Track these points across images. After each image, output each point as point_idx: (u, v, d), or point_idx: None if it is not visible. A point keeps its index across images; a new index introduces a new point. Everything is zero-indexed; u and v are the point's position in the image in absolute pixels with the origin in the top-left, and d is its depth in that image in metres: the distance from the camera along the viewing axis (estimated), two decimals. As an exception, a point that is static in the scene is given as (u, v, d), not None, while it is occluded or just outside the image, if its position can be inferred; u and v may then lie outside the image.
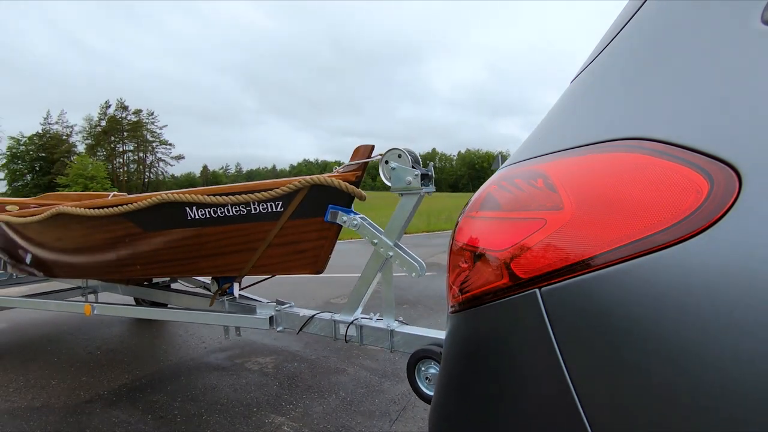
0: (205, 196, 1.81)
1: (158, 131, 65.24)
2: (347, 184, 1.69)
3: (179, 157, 68.43)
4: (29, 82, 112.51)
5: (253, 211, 1.80)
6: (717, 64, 0.53)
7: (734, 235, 0.42)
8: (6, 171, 51.35)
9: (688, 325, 0.43)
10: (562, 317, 0.52)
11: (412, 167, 1.66)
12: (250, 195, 1.77)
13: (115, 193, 3.62)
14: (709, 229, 0.44)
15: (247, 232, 1.85)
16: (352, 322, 1.81)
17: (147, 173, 64.94)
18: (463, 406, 0.68)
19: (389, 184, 1.70)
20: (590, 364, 0.50)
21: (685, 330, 0.43)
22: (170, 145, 66.55)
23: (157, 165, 66.04)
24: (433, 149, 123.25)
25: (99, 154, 58.74)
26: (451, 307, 0.71)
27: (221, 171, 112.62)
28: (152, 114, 65.10)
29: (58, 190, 43.16)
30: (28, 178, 53.55)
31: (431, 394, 1.36)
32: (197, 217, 1.89)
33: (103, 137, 60.42)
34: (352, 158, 1.73)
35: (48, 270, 2.77)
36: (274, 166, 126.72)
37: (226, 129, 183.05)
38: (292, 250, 1.86)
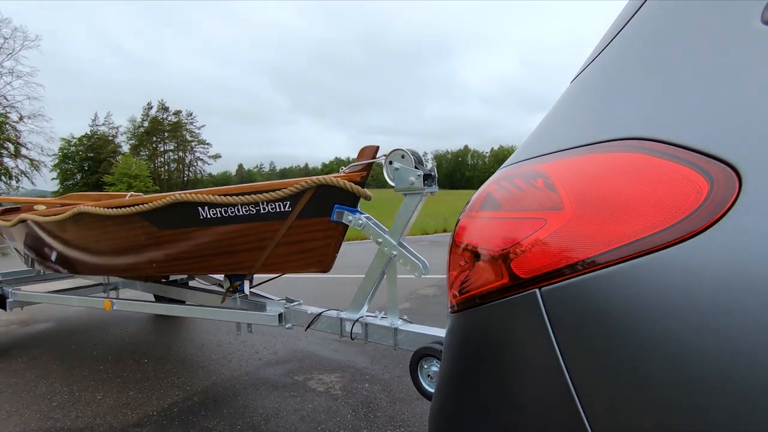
0: (216, 196, 1.85)
1: (197, 131, 67.04)
2: (352, 184, 1.70)
3: (216, 156, 70.08)
4: (77, 86, 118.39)
5: (262, 211, 1.83)
6: (717, 64, 0.52)
7: (734, 235, 0.42)
8: (58, 170, 54.31)
9: (687, 325, 0.43)
10: (562, 317, 0.52)
11: (415, 168, 1.66)
12: (259, 195, 1.79)
13: (132, 193, 3.75)
14: (709, 229, 0.44)
15: (256, 231, 1.88)
16: (357, 320, 1.83)
17: (186, 172, 66.81)
18: (462, 405, 0.68)
19: (393, 184, 1.70)
20: (590, 364, 0.49)
21: (685, 330, 0.43)
22: (208, 144, 68.21)
23: (195, 164, 67.83)
24: (465, 146, 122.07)
25: (142, 153, 60.79)
26: (451, 306, 0.71)
27: (256, 169, 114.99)
28: (191, 114, 66.92)
29: (104, 189, 45.14)
30: (78, 177, 56.29)
31: (433, 391, 1.33)
32: (209, 216, 1.92)
33: (145, 137, 62.58)
34: (358, 159, 1.75)
35: (71, 267, 2.86)
36: (306, 165, 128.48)
37: (260, 128, 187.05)
38: (299, 249, 1.88)
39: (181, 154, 66.22)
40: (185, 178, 65.15)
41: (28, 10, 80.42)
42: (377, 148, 1.75)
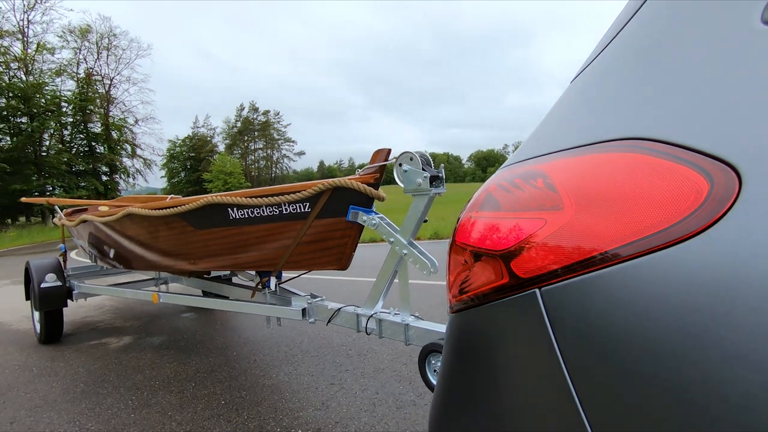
0: (243, 198, 2.02)
1: (283, 129, 70.54)
2: (365, 186, 1.80)
3: (301, 153, 73.01)
4: (177, 93, 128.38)
5: (284, 212, 1.96)
6: (717, 64, 0.52)
7: (734, 235, 0.42)
8: (166, 169, 60.47)
9: (687, 325, 0.43)
10: (562, 317, 0.52)
11: (423, 170, 1.70)
12: (281, 197, 1.92)
13: (173, 196, 3.99)
14: (709, 229, 0.44)
15: (279, 230, 2.01)
16: (371, 316, 1.91)
17: (273, 169, 70.82)
18: (463, 405, 0.67)
19: (402, 185, 1.75)
20: (590, 364, 0.49)
21: (685, 330, 0.43)
22: (293, 142, 71.52)
23: (282, 161, 71.37)
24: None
25: (235, 152, 65.27)
26: (451, 306, 0.71)
27: (336, 166, 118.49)
28: (278, 114, 70.48)
29: (204, 186, 49.04)
30: (182, 175, 61.79)
31: None
32: (237, 216, 2.09)
33: (238, 137, 66.79)
34: (372, 161, 1.82)
35: (125, 263, 3.15)
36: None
37: (338, 125, 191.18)
38: (319, 248, 1.98)
39: (269, 151, 69.89)
40: (273, 175, 68.82)
41: (133, 27, 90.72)
42: (389, 151, 1.79)
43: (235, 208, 2.07)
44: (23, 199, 5.05)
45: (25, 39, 28.08)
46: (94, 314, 4.85)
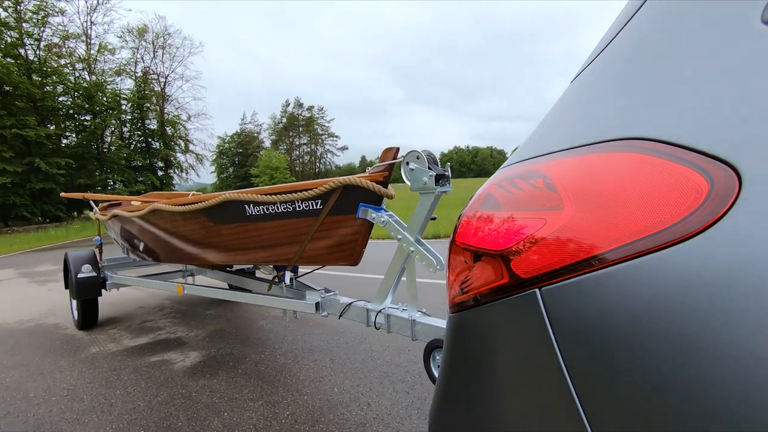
0: (259, 195, 2.07)
1: (327, 125, 70.88)
2: (374, 184, 1.82)
3: (344, 149, 73.16)
4: (224, 92, 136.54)
5: (297, 209, 2.01)
6: (717, 64, 0.52)
7: (734, 235, 0.42)
8: (215, 165, 62.41)
9: (687, 325, 0.42)
10: (562, 317, 0.52)
11: (429, 168, 1.71)
12: (294, 194, 1.97)
13: (194, 192, 4.02)
14: (709, 229, 0.43)
15: (293, 226, 2.07)
16: (380, 311, 1.96)
17: (317, 164, 71.33)
18: (462, 405, 0.67)
19: (409, 183, 1.76)
20: (590, 364, 0.49)
21: (685, 330, 0.42)
22: (336, 137, 71.68)
23: (325, 156, 71.73)
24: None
25: (281, 148, 66.37)
26: (452, 306, 0.71)
27: (377, 161, 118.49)
28: (322, 109, 70.73)
29: (251, 181, 50.08)
30: (230, 170, 63.75)
31: None
32: (254, 213, 2.15)
33: (283, 132, 67.56)
34: (381, 159, 1.84)
35: (154, 255, 3.30)
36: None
37: (378, 120, 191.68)
38: (331, 244, 2.02)
39: (313, 146, 70.49)
40: (316, 170, 69.33)
41: (184, 27, 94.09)
42: (398, 149, 1.81)
43: (251, 205, 2.13)
44: (63, 195, 5.44)
45: (89, 40, 29.32)
46: (153, 318, 4.27)
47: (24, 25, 25.25)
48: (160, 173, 34.22)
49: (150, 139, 34.10)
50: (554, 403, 0.51)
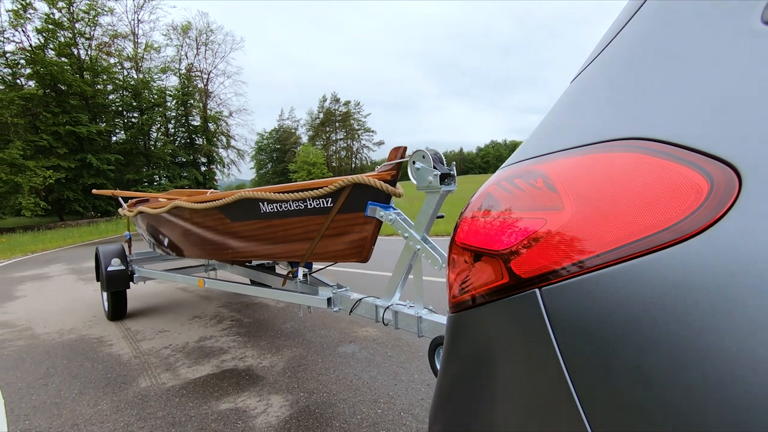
0: (272, 193, 2.15)
1: (363, 120, 70.37)
2: (382, 182, 1.85)
3: (380, 143, 72.57)
4: (261, 90, 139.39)
5: (308, 206, 2.07)
6: (717, 64, 0.52)
7: (734, 235, 0.42)
8: (254, 161, 63.23)
9: (687, 325, 0.42)
10: (562, 317, 0.52)
11: (434, 167, 1.73)
12: (306, 193, 2.04)
13: (212, 190, 4.39)
14: (709, 229, 0.43)
15: (304, 223, 2.13)
16: (388, 307, 1.99)
17: (354, 159, 70.97)
18: (462, 404, 0.67)
19: (415, 182, 1.79)
20: (590, 364, 0.49)
21: (685, 330, 0.42)
22: (372, 132, 71.04)
23: (362, 151, 71.37)
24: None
25: (318, 143, 66.46)
26: (452, 306, 0.70)
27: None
28: (358, 104, 70.36)
29: (289, 176, 50.17)
30: (269, 166, 64.61)
31: None
32: (267, 210, 2.23)
33: (320, 128, 67.72)
34: (389, 158, 1.88)
35: (177, 250, 3.39)
36: (461, 149, 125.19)
37: (413, 115, 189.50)
38: (341, 241, 2.07)
39: (349, 142, 70.21)
40: (353, 165, 68.93)
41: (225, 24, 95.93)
42: (405, 148, 1.84)
43: (265, 203, 2.21)
44: (94, 191, 5.62)
45: (136, 39, 29.89)
46: (212, 333, 3.48)
47: (77, 25, 25.93)
48: (203, 168, 34.67)
49: (194, 135, 34.63)
50: (554, 403, 0.51)
